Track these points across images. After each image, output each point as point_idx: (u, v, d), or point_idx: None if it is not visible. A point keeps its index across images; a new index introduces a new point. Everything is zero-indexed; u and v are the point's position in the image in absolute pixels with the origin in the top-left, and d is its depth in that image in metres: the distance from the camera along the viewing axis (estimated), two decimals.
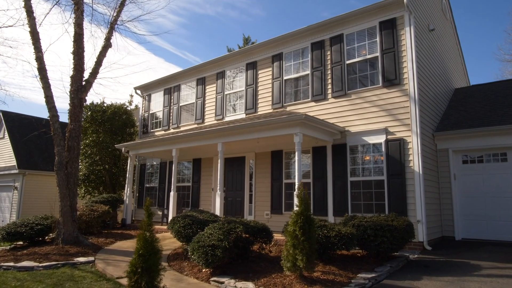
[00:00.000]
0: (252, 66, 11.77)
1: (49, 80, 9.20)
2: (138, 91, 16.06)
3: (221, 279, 5.63)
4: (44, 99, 9.08)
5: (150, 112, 15.37)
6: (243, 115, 11.71)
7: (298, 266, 5.31)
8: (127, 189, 13.00)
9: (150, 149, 12.28)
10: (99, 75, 9.93)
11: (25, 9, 9.03)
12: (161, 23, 59.92)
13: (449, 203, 9.46)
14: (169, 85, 14.63)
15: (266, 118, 8.77)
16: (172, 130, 13.92)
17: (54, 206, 9.34)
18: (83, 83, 9.57)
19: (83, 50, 9.62)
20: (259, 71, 11.58)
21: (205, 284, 5.69)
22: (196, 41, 69.83)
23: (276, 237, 7.90)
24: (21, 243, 9.24)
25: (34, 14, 9.09)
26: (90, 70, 9.79)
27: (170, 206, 11.05)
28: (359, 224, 6.74)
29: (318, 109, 9.87)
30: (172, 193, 11.12)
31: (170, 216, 10.79)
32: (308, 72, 10.32)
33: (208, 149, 11.52)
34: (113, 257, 7.68)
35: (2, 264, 7.02)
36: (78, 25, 9.52)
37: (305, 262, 5.21)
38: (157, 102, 15.14)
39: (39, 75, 9.06)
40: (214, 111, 12.68)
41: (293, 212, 5.53)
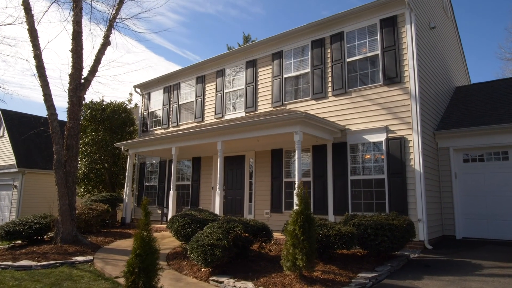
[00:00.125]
0: (252, 64, 11.71)
1: (48, 78, 9.14)
2: (138, 90, 16.00)
3: (221, 279, 5.59)
4: (43, 97, 9.02)
5: (150, 111, 15.31)
6: (243, 114, 11.65)
7: (298, 266, 5.27)
8: (127, 188, 12.96)
9: (150, 148, 12.23)
10: (98, 73, 9.87)
11: (23, 7, 8.97)
12: (161, 22, 59.78)
13: (450, 202, 9.42)
14: (169, 84, 14.57)
15: (266, 117, 8.72)
16: (172, 129, 13.87)
17: (53, 205, 9.30)
18: (82, 81, 9.51)
19: (82, 48, 9.55)
20: (259, 69, 11.52)
21: (204, 284, 5.65)
22: (197, 40, 69.74)
23: (276, 236, 7.85)
24: (20, 242, 9.20)
25: (32, 12, 9.03)
26: (89, 68, 9.73)
27: (170, 205, 11.00)
28: (360, 223, 6.69)
29: (319, 108, 9.82)
30: (172, 192, 11.08)
31: (170, 215, 10.75)
32: (308, 70, 10.25)
33: (208, 148, 11.47)
34: (112, 256, 7.64)
35: (0, 264, 6.99)
36: (77, 23, 9.46)
37: (305, 262, 5.16)
38: (157, 101, 15.08)
39: (38, 73, 9.00)
40: (214, 110, 12.63)
41: (293, 211, 5.49)
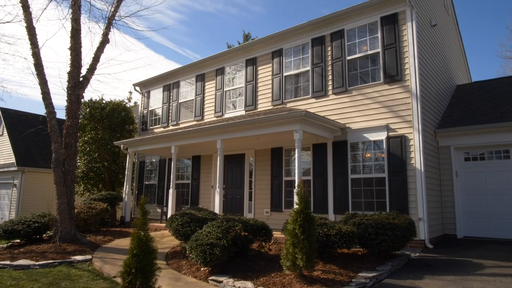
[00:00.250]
0: (252, 63, 11.64)
1: (46, 77, 9.08)
2: (137, 88, 15.94)
3: (220, 278, 5.54)
4: (41, 96, 8.96)
5: (149, 109, 15.25)
6: (243, 112, 11.59)
7: (298, 265, 5.22)
8: (126, 187, 12.91)
9: (149, 146, 12.18)
10: (97, 71, 9.85)
11: (21, 4, 8.89)
12: (161, 20, 59.68)
13: (451, 201, 9.36)
14: (168, 82, 14.51)
15: (266, 115, 8.66)
16: (171, 127, 13.81)
17: (52, 204, 9.25)
18: (81, 79, 9.45)
19: (81, 46, 9.49)
20: (259, 68, 11.45)
21: (203, 283, 5.60)
22: (196, 38, 69.61)
23: (276, 235, 7.81)
24: (19, 241, 9.15)
25: (30, 9, 8.94)
26: (88, 66, 9.67)
27: (169, 204, 10.95)
28: (360, 222, 6.64)
29: (319, 106, 9.76)
30: (171, 191, 11.03)
31: (169, 214, 10.70)
32: (309, 68, 10.19)
33: (208, 146, 11.42)
34: (111, 256, 7.59)
35: None
36: (75, 21, 9.39)
37: (305, 261, 5.11)
38: (156, 99, 15.01)
39: (36, 71, 8.94)
40: (214, 108, 12.57)
41: (293, 210, 5.43)
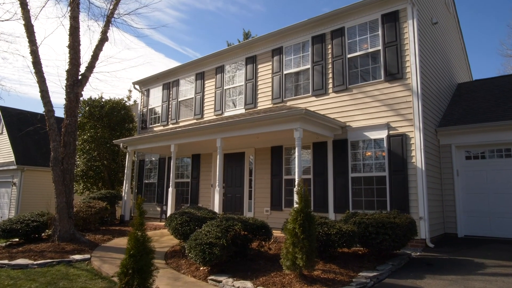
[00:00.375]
0: (252, 61, 11.57)
1: (44, 75, 9.04)
2: (137, 86, 15.88)
3: (219, 278, 5.49)
4: (39, 94, 8.91)
5: (149, 107, 15.19)
6: (243, 110, 11.53)
7: (298, 265, 5.17)
8: (126, 185, 12.86)
9: (149, 145, 12.12)
10: (96, 70, 9.80)
11: (19, 2, 8.83)
12: (161, 18, 59.57)
13: (452, 200, 9.31)
14: (168, 80, 14.44)
15: (266, 113, 8.60)
16: (171, 126, 13.75)
17: (51, 203, 9.20)
18: (79, 78, 9.39)
19: (79, 44, 9.43)
20: (259, 66, 11.38)
21: (203, 283, 5.55)
22: (197, 37, 69.50)
23: (276, 234, 7.76)
24: (17, 240, 9.10)
25: (29, 7, 8.89)
26: (87, 64, 9.61)
27: (169, 202, 10.91)
28: (361, 222, 6.59)
29: (319, 104, 9.70)
30: (171, 189, 10.98)
31: (169, 212, 10.65)
32: (309, 66, 10.12)
33: (207, 145, 11.36)
34: (110, 255, 7.55)
35: None
36: (74, 18, 9.33)
37: (305, 261, 5.06)
38: (156, 97, 14.95)
39: (34, 69, 8.88)
40: (213, 106, 12.51)
41: (293, 209, 5.38)
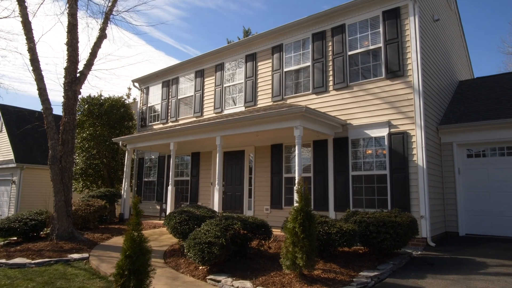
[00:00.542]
0: (252, 58, 11.49)
1: (42, 72, 8.95)
2: (136, 84, 15.80)
3: (218, 278, 5.43)
4: (37, 92, 8.83)
5: (148, 105, 15.12)
6: (243, 108, 11.46)
7: (298, 265, 5.11)
8: (125, 183, 12.80)
9: (148, 143, 12.05)
10: (94, 67, 9.74)
11: None
12: (161, 16, 59.38)
13: (453, 198, 9.24)
14: (167, 78, 14.36)
15: (266, 111, 8.52)
16: (171, 124, 13.68)
17: (49, 201, 9.14)
18: (78, 75, 9.31)
19: (77, 41, 9.34)
20: (259, 63, 11.29)
21: (202, 283, 5.49)
22: (197, 35, 69.32)
23: (276, 233, 7.70)
24: (15, 239, 9.05)
25: (26, 4, 8.81)
26: (85, 62, 9.53)
27: (168, 201, 10.85)
28: (361, 220, 6.52)
29: (319, 102, 9.62)
30: (170, 188, 10.92)
31: (168, 211, 10.60)
32: (309, 64, 10.04)
33: (207, 143, 11.29)
34: (108, 254, 7.49)
35: None
36: (72, 15, 9.24)
37: (305, 260, 5.00)
38: (155, 95, 14.87)
39: (32, 67, 8.80)
40: (213, 104, 12.43)
41: (293, 208, 5.32)
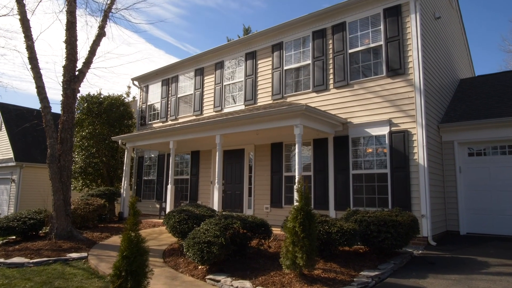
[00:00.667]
0: (252, 56, 11.42)
1: (41, 70, 8.90)
2: (136, 82, 15.73)
3: (217, 277, 5.38)
4: (36, 90, 8.78)
5: (148, 104, 15.05)
6: (242, 107, 11.39)
7: (298, 264, 5.06)
8: (124, 182, 12.75)
9: (148, 141, 12.00)
10: (93, 65, 9.63)
11: None
12: (161, 14, 59.23)
13: (454, 197, 9.19)
14: (167, 76, 14.29)
15: (266, 110, 8.46)
16: (170, 122, 13.62)
17: (48, 200, 9.10)
18: (76, 73, 9.25)
19: (76, 39, 9.27)
20: (259, 61, 11.23)
21: (201, 282, 5.45)
22: (197, 33, 69.17)
23: (276, 232, 7.65)
24: (14, 238, 9.01)
25: (24, 1, 8.75)
26: (84, 60, 9.47)
27: (168, 200, 10.80)
28: (362, 220, 6.47)
29: (320, 100, 9.56)
30: (170, 186, 10.87)
31: (168, 209, 10.55)
32: (309, 62, 9.97)
33: (207, 141, 11.24)
34: (107, 253, 7.45)
35: None
36: (71, 13, 9.17)
37: (305, 260, 4.96)
38: (155, 94, 14.81)
39: (30, 65, 8.74)
40: (213, 103, 12.37)
41: (293, 208, 5.27)
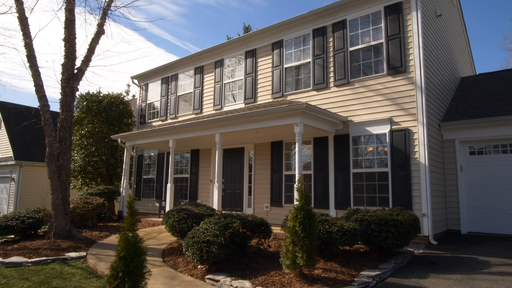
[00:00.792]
0: (252, 54, 11.35)
1: (39, 69, 8.85)
2: (135, 81, 15.66)
3: (217, 277, 5.34)
4: (34, 88, 8.72)
5: (148, 102, 15.00)
6: (242, 105, 11.34)
7: (298, 264, 5.01)
8: (124, 181, 12.70)
9: (147, 140, 11.95)
10: (92, 63, 9.60)
11: None
12: (161, 13, 59.11)
13: (455, 196, 9.14)
14: (167, 74, 14.23)
15: (266, 108, 8.41)
16: (170, 121, 13.57)
17: (47, 199, 9.05)
18: (75, 71, 9.19)
19: (75, 37, 9.21)
20: (259, 59, 11.16)
21: (200, 282, 5.40)
22: (197, 31, 69.04)
23: (276, 231, 7.60)
24: (13, 237, 8.96)
25: None
26: (83, 58, 9.41)
27: (167, 198, 10.76)
28: (363, 219, 6.42)
29: (320, 98, 9.50)
30: (169, 185, 10.83)
31: (167, 208, 10.51)
32: (310, 60, 9.91)
33: (207, 140, 11.19)
34: (106, 252, 7.40)
35: None
36: (69, 11, 9.11)
37: (305, 260, 4.91)
38: (155, 92, 14.75)
39: (29, 63, 8.68)
40: (213, 101, 12.31)
41: (293, 207, 5.22)
